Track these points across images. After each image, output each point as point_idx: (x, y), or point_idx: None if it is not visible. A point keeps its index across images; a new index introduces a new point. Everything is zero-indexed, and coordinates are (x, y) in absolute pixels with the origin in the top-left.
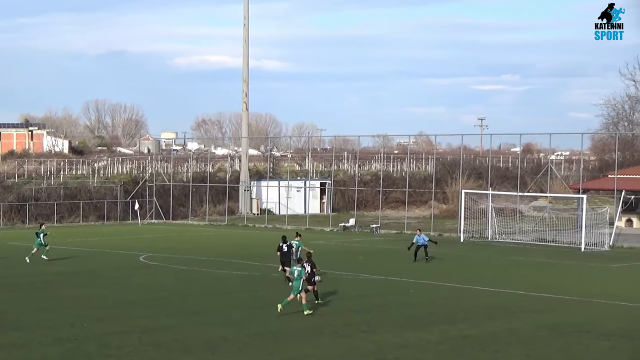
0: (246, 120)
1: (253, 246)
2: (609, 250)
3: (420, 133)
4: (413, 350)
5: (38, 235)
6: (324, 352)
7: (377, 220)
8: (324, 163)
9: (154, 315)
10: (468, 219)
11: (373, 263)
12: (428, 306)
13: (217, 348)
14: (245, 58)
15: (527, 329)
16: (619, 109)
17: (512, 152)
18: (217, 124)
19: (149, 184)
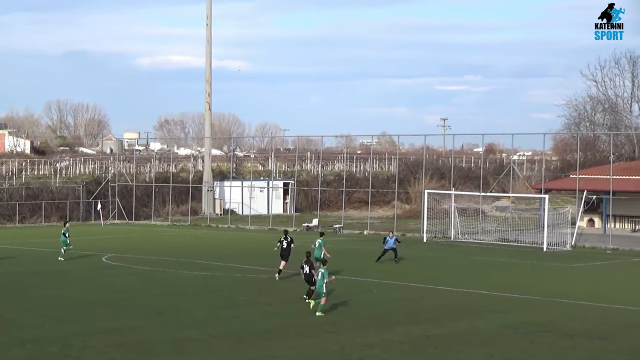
0: (209, 121)
1: (216, 246)
2: (571, 250)
3: (383, 133)
4: (377, 350)
5: (65, 234)
6: (288, 352)
7: (340, 220)
8: (287, 163)
9: (117, 316)
10: (431, 219)
11: (336, 263)
12: (392, 306)
13: (182, 349)
14: (208, 58)
15: (490, 328)
16: (581, 110)
17: (475, 153)
18: (180, 124)
19: (112, 184)
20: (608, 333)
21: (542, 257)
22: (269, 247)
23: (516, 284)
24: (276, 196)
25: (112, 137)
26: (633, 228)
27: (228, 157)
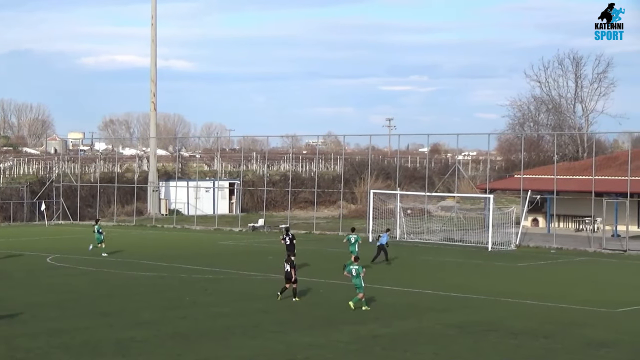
0: (154, 121)
1: (162, 247)
2: (515, 249)
3: (328, 133)
4: (323, 350)
5: (99, 232)
6: (234, 353)
7: (286, 220)
8: (232, 163)
9: (62, 317)
10: (377, 219)
11: (282, 263)
12: (338, 306)
13: (127, 350)
14: (153, 58)
15: (436, 327)
16: (525, 110)
17: (420, 153)
18: (125, 124)
19: (56, 184)
20: (552, 331)
21: (487, 256)
22: (215, 247)
23: (461, 284)
24: (222, 196)
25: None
26: (577, 227)
27: (173, 157)
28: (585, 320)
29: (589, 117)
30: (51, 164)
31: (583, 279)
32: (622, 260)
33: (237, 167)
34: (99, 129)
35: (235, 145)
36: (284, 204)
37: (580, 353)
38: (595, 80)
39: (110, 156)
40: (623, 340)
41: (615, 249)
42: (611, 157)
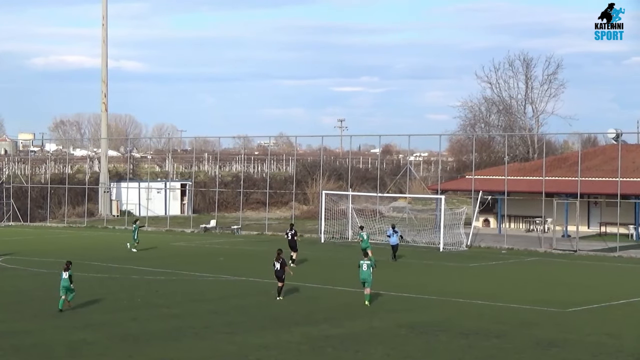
0: (105, 121)
1: (113, 248)
2: (467, 250)
3: (280, 134)
4: (274, 351)
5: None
6: (184, 354)
7: (238, 221)
8: (184, 164)
9: (11, 319)
10: (328, 219)
11: (234, 264)
12: (289, 307)
13: (78, 351)
14: (104, 58)
15: (387, 328)
16: (476, 111)
17: (372, 154)
18: (76, 125)
19: (6, 185)
20: (503, 331)
21: (439, 257)
22: (167, 248)
23: (412, 284)
24: (173, 197)
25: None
26: (527, 228)
27: (125, 158)
28: (535, 320)
29: (539, 118)
30: (1, 165)
31: (534, 279)
32: (572, 260)
33: (188, 168)
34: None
35: (187, 146)
36: (235, 205)
37: (530, 353)
38: (545, 82)
39: (61, 157)
40: (572, 340)
41: (566, 249)
42: (561, 158)
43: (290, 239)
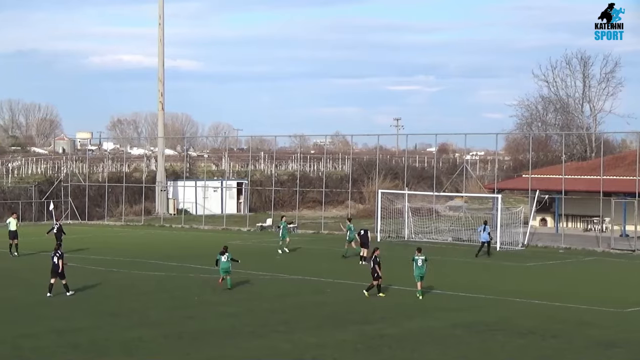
0: (162, 120)
1: (170, 247)
2: (524, 249)
3: (336, 133)
4: (330, 349)
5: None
6: (241, 352)
7: (294, 220)
8: (240, 163)
9: (69, 317)
10: (385, 218)
11: (290, 263)
12: (345, 306)
13: (134, 349)
14: (161, 57)
15: (443, 327)
16: (533, 110)
17: (428, 152)
18: (133, 123)
19: (64, 184)
20: (560, 331)
21: (495, 256)
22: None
23: (469, 283)
24: (230, 196)
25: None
26: (585, 227)
27: (181, 157)
28: (593, 319)
29: (596, 117)
30: (59, 163)
31: (591, 279)
32: (630, 260)
33: (245, 166)
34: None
35: (243, 145)
36: (291, 204)
37: (588, 353)
38: (603, 80)
39: (118, 156)
40: (632, 340)
41: (624, 249)
42: (619, 157)
43: (363, 235)
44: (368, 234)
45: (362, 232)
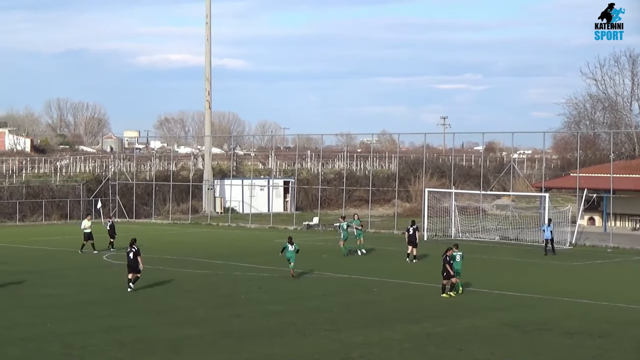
0: (209, 119)
1: (217, 245)
2: (571, 248)
3: (383, 132)
4: (377, 348)
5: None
6: (287, 351)
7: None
8: (287, 162)
9: (117, 315)
10: (431, 217)
11: (337, 261)
12: (392, 305)
13: (181, 348)
14: (208, 56)
15: (491, 326)
16: (581, 108)
17: (475, 151)
18: (180, 122)
19: (112, 182)
20: (608, 331)
21: (543, 255)
22: (270, 245)
23: (516, 282)
24: (276, 194)
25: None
26: (633, 227)
27: (228, 156)
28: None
29: None
30: (107, 162)
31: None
32: None
33: (291, 165)
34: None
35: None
36: (338, 202)
37: (636, 353)
38: None
39: (165, 154)
40: None
41: None
42: None
43: (412, 234)
44: (417, 232)
45: (411, 230)
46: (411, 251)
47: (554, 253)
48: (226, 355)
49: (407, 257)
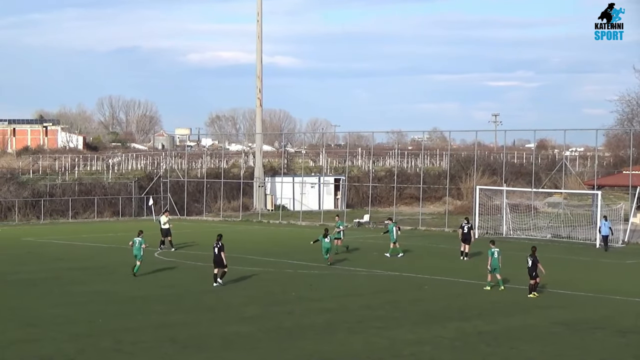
0: (260, 117)
1: (267, 242)
2: (624, 246)
3: (434, 129)
4: (428, 346)
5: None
6: (337, 348)
7: (391, 216)
8: (338, 159)
9: (168, 312)
10: (482, 215)
11: (388, 259)
12: (442, 302)
13: (232, 344)
14: (259, 54)
15: (542, 325)
16: (634, 105)
17: (527, 148)
18: (231, 120)
19: (163, 180)
20: None
21: (595, 253)
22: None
23: (568, 281)
24: (327, 192)
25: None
26: None
27: (279, 153)
28: None
29: None
30: (159, 159)
31: None
32: None
33: (342, 162)
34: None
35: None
36: (389, 200)
37: None
38: None
39: (216, 152)
40: None
41: None
42: None
43: (466, 232)
44: (471, 230)
45: (465, 228)
46: (464, 248)
47: (605, 250)
48: (276, 352)
49: (461, 255)
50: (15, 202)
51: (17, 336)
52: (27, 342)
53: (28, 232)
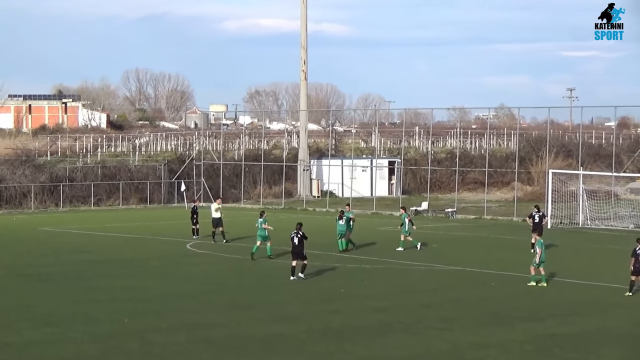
0: (305, 92)
1: (313, 232)
2: None
3: (501, 105)
4: (494, 350)
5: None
6: (392, 352)
7: (452, 203)
8: (392, 139)
9: (202, 310)
10: (556, 202)
11: (448, 252)
12: (510, 301)
13: (273, 346)
14: (304, 21)
15: (622, 326)
16: None
17: (606, 127)
18: (272, 95)
19: (197, 162)
20: None
21: None
22: (373, 233)
23: None
24: (380, 176)
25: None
26: None
27: (326, 133)
28: None
29: None
30: (191, 139)
31: None
32: None
33: (397, 143)
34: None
35: (396, 119)
36: (450, 185)
37: None
38: None
39: (256, 131)
40: None
41: None
42: None
43: (538, 222)
44: (543, 219)
45: (536, 217)
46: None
47: None
48: (323, 356)
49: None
50: (31, 187)
51: (34, 337)
52: (45, 344)
53: (45, 221)
